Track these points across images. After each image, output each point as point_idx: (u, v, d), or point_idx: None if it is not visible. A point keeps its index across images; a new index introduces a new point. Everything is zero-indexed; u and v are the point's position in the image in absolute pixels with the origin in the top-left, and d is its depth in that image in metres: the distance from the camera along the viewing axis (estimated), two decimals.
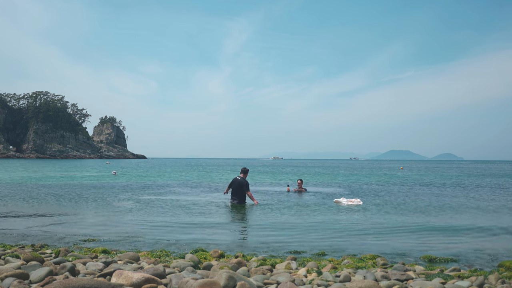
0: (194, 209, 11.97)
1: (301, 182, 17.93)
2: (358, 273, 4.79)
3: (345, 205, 13.27)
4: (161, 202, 13.71)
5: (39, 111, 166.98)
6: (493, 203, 14.30)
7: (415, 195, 17.08)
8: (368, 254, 6.17)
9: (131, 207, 12.37)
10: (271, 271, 4.89)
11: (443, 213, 11.56)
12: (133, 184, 22.84)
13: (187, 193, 17.37)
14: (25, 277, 4.13)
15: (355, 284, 4.11)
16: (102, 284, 3.71)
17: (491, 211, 12.16)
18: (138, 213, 11.12)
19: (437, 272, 4.96)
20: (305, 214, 11.24)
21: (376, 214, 11.25)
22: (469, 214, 11.43)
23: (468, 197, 16.45)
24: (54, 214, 10.77)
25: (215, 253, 5.99)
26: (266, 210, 11.80)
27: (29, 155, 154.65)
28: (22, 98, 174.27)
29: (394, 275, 4.63)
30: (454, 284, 4.28)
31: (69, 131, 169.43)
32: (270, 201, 14.16)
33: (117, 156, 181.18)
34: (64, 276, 4.25)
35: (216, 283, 3.81)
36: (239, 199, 12.96)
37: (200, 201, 14.09)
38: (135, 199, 14.69)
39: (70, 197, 15.28)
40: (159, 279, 4.11)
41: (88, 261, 5.08)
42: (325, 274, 4.63)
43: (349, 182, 26.31)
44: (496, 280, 4.43)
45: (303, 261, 5.71)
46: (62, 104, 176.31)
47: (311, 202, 14.19)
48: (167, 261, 5.43)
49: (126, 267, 4.72)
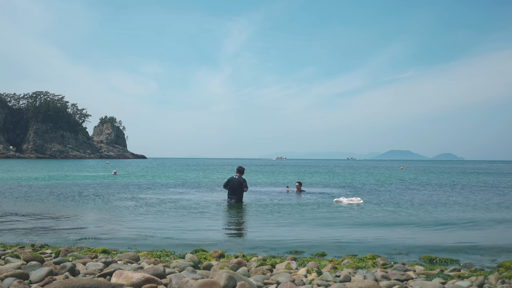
0: (194, 209, 11.97)
1: (299, 185, 17.90)
2: (358, 273, 4.79)
3: (346, 204, 13.27)
4: (161, 202, 13.71)
5: (39, 111, 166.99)
6: (493, 203, 14.30)
7: (415, 195, 17.08)
8: (368, 254, 6.17)
9: (131, 207, 12.37)
10: (271, 271, 4.88)
11: (443, 213, 11.56)
12: (133, 184, 22.84)
13: (187, 193, 17.37)
14: (25, 277, 4.13)
15: (355, 284, 4.11)
16: (102, 284, 3.71)
17: (492, 211, 12.15)
18: (138, 213, 11.12)
19: (437, 272, 4.96)
20: (305, 214, 11.24)
21: (376, 214, 11.25)
22: (469, 214, 11.43)
23: (468, 197, 16.45)
24: (54, 214, 10.77)
25: (215, 253, 5.99)
26: (266, 210, 11.80)
27: (29, 155, 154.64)
28: (22, 98, 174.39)
29: (394, 275, 4.63)
30: (454, 284, 4.28)
31: (69, 131, 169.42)
32: (270, 201, 14.15)
33: (117, 156, 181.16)
34: (64, 276, 4.25)
35: (216, 283, 3.81)
36: (237, 198, 12.95)
37: (200, 201, 14.09)
38: (135, 199, 14.69)
39: (70, 197, 15.28)
40: (159, 279, 4.10)
41: (88, 261, 5.07)
42: (325, 274, 4.62)
43: (348, 182, 26.31)
44: (496, 280, 4.43)
45: (303, 261, 5.71)
46: (62, 104, 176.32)
47: (311, 202, 14.19)
48: (167, 261, 5.43)
49: (126, 267, 4.72)
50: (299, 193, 17.16)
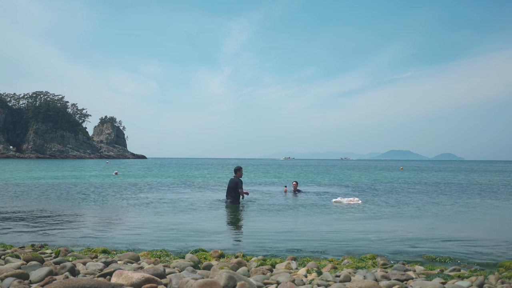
0: (194, 209, 11.97)
1: (296, 184, 18.00)
2: (358, 273, 4.79)
3: (345, 205, 13.27)
4: (161, 202, 13.71)
5: (39, 111, 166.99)
6: (493, 203, 14.30)
7: (414, 195, 17.08)
8: (368, 254, 6.17)
9: (131, 207, 12.37)
10: (271, 271, 4.89)
11: (443, 213, 11.56)
12: (133, 184, 22.84)
13: (187, 193, 17.37)
14: (25, 277, 4.13)
15: (355, 284, 4.11)
16: (102, 284, 3.71)
17: (492, 211, 12.16)
18: (138, 213, 11.12)
19: (437, 272, 4.96)
20: (304, 214, 11.24)
21: (376, 214, 11.25)
22: (469, 214, 11.43)
23: (468, 197, 16.45)
24: (54, 214, 10.76)
25: (215, 253, 5.99)
26: (266, 210, 11.80)
27: (29, 155, 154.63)
28: (22, 98, 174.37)
29: (394, 275, 4.63)
30: (454, 284, 4.28)
31: (69, 131, 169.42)
32: (269, 201, 14.15)
33: (117, 156, 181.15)
34: (64, 276, 4.25)
35: (216, 283, 3.81)
36: (232, 198, 12.98)
37: (200, 201, 14.09)
38: (135, 199, 14.69)
39: (70, 196, 15.28)
40: (159, 279, 4.11)
41: (88, 261, 5.08)
42: (325, 274, 4.62)
43: (347, 182, 26.30)
44: (496, 280, 4.43)
45: (303, 261, 5.71)
46: (62, 104, 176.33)
47: (310, 202, 14.19)
48: (167, 261, 5.43)
49: (126, 267, 4.72)
50: (296, 194, 17.22)
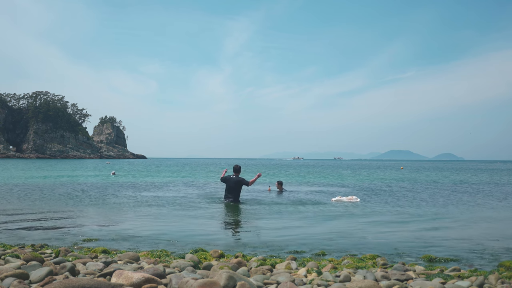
0: (194, 209, 11.96)
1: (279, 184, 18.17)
2: (358, 273, 4.79)
3: (344, 203, 13.27)
4: (161, 202, 13.71)
5: (39, 111, 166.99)
6: (492, 203, 14.30)
7: (414, 194, 17.07)
8: (368, 254, 6.16)
9: (131, 207, 12.37)
10: (271, 271, 4.88)
11: (443, 213, 11.56)
12: (133, 184, 22.84)
13: (187, 193, 17.37)
14: (25, 277, 4.13)
15: (355, 284, 4.11)
16: (102, 284, 3.71)
17: (492, 211, 12.16)
18: (138, 213, 11.12)
19: (437, 272, 4.96)
20: (304, 213, 11.23)
21: (376, 213, 11.24)
22: (469, 214, 11.43)
23: (468, 197, 16.45)
24: (54, 214, 10.76)
25: (215, 253, 5.98)
26: (265, 210, 11.79)
27: (29, 155, 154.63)
28: (22, 98, 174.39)
29: (394, 275, 4.63)
30: (454, 284, 4.28)
31: (69, 131, 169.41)
32: (269, 201, 14.15)
33: (117, 156, 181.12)
34: (64, 276, 4.25)
35: (216, 283, 3.81)
36: (233, 197, 12.95)
37: (200, 201, 14.09)
38: (135, 199, 14.69)
39: (70, 196, 15.28)
40: (159, 279, 4.10)
41: (88, 261, 5.07)
42: (325, 274, 4.62)
43: (345, 182, 26.30)
44: (496, 280, 4.43)
45: (303, 261, 5.71)
46: (62, 104, 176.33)
47: (309, 201, 14.18)
48: (167, 261, 5.43)
49: (126, 267, 4.72)
50: (281, 192, 17.34)
